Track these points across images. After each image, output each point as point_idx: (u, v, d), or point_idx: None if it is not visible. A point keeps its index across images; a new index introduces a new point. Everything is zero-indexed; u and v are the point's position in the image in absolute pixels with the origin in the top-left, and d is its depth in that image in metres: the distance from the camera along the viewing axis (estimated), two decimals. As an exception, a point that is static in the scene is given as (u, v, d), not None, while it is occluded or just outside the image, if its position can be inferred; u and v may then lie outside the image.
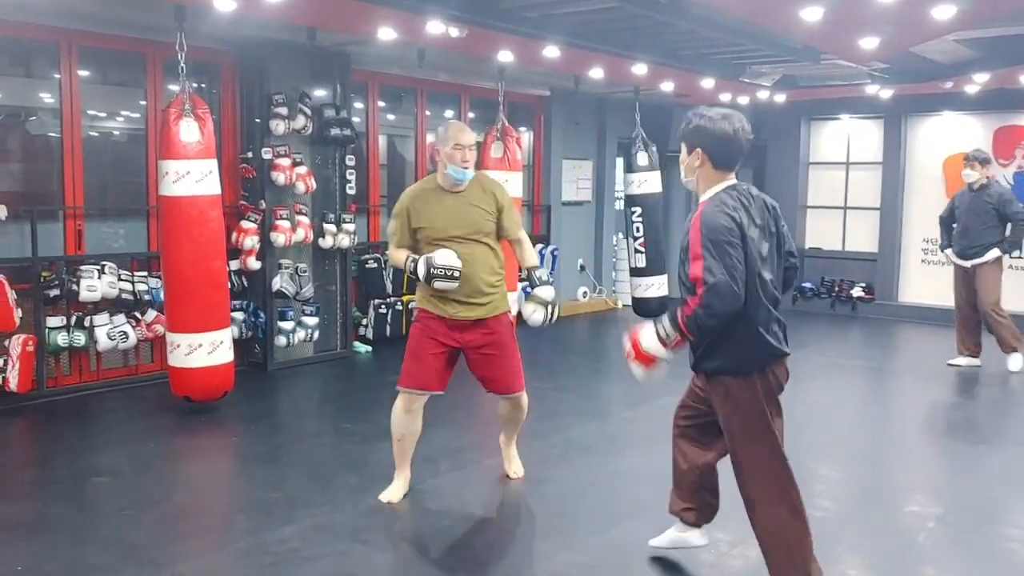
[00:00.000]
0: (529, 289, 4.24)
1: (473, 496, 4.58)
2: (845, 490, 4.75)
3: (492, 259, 4.20)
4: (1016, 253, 9.77)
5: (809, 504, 3.20)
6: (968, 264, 7.58)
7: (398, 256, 4.20)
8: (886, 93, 9.26)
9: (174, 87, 6.68)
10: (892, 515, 4.34)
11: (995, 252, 7.43)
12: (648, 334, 3.11)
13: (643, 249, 9.60)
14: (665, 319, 3.09)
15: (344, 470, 4.80)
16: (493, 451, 4.82)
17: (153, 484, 4.62)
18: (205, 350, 5.73)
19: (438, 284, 3.99)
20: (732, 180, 3.16)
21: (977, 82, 8.31)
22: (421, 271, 4.00)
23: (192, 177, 5.60)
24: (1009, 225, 7.41)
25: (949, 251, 7.80)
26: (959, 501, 4.60)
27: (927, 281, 10.42)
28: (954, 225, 7.72)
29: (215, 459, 5.32)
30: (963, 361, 7.76)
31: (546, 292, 4.19)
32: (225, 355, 5.86)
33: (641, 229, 9.60)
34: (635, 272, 9.75)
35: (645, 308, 9.73)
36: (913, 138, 10.51)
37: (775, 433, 3.10)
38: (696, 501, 3.51)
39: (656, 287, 9.67)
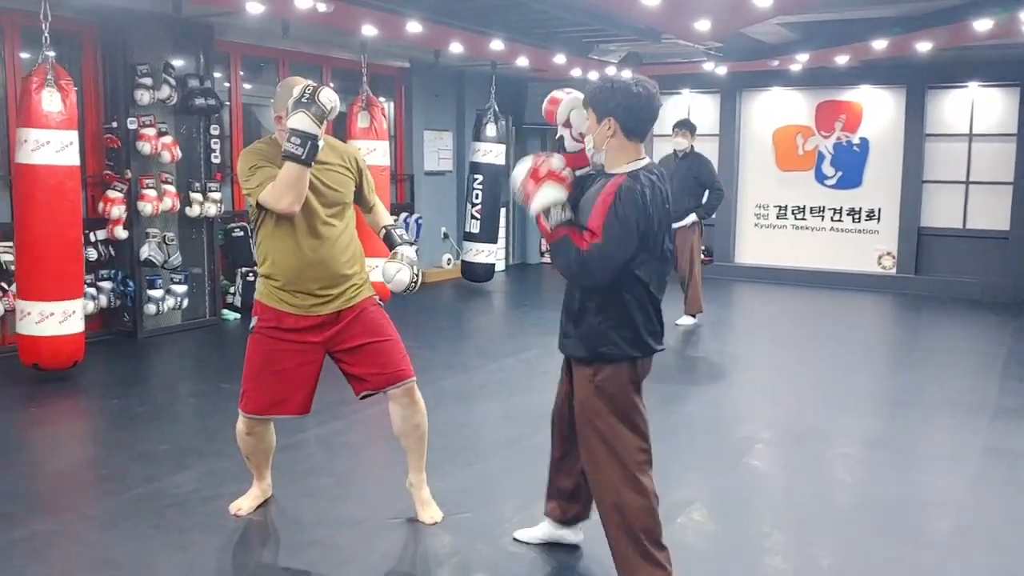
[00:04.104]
0: (390, 249, 3.64)
1: (355, 440, 4.98)
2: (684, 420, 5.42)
3: (351, 237, 3.56)
4: (801, 215, 10.97)
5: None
6: None
7: (275, 181, 3.28)
8: (721, 70, 10.06)
9: (26, 55, 6.69)
10: (724, 439, 5.02)
11: (693, 217, 7.93)
12: (542, 198, 2.92)
13: (479, 216, 10.17)
14: (561, 213, 2.91)
15: (227, 424, 4.98)
16: (371, 403, 5.17)
17: (39, 443, 4.81)
18: (57, 319, 5.78)
19: (325, 95, 3.19)
20: (645, 158, 2.99)
21: (799, 61, 9.19)
22: (302, 108, 3.16)
23: (52, 147, 5.66)
24: (707, 192, 7.95)
25: None
26: (785, 428, 5.35)
27: (760, 243, 11.41)
28: None
29: (99, 420, 5.49)
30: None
31: (410, 252, 3.62)
32: (77, 325, 5.91)
33: (480, 196, 10.18)
34: (468, 236, 10.30)
35: (472, 272, 10.30)
36: (747, 111, 11.42)
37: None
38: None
39: (485, 254, 10.25)
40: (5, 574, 3.28)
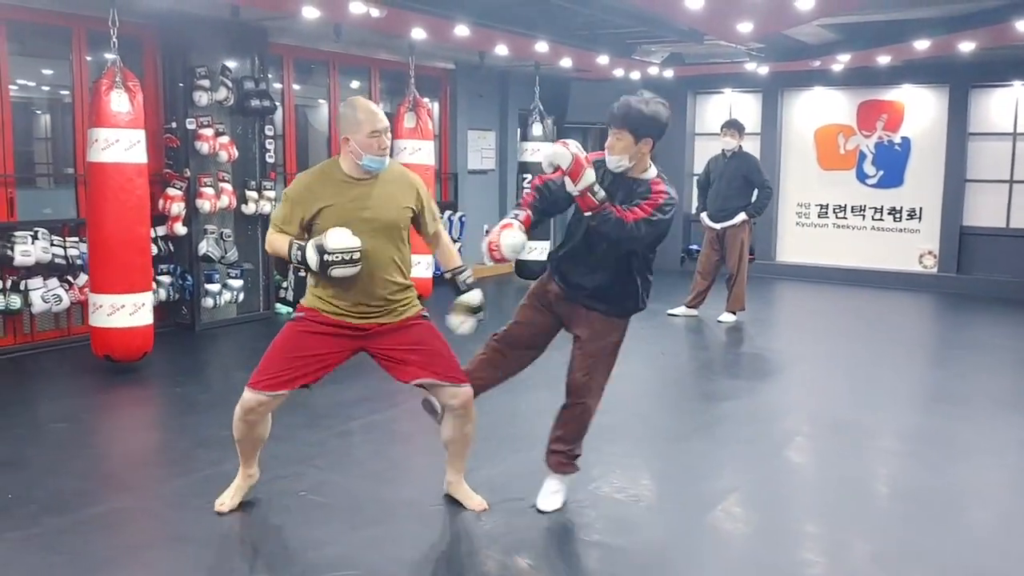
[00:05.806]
0: (454, 295, 3.79)
1: (407, 428, 5.20)
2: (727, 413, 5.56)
3: (398, 254, 3.63)
4: (843, 214, 11.02)
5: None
6: (718, 226, 8.18)
7: (279, 242, 3.52)
8: (763, 70, 10.14)
9: (90, 57, 6.99)
10: (765, 432, 5.16)
11: (742, 215, 8.06)
12: (589, 178, 3.42)
13: (530, 214, 10.35)
14: (601, 190, 3.44)
15: (288, 411, 5.21)
16: (420, 395, 5.39)
17: (111, 427, 5.09)
18: (127, 311, 6.04)
19: (337, 272, 3.38)
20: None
21: (840, 61, 9.25)
22: (312, 258, 3.37)
23: (121, 145, 5.94)
24: (756, 191, 8.08)
25: (703, 215, 8.35)
26: (824, 422, 5.47)
27: (802, 242, 11.47)
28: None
29: (164, 406, 5.78)
30: (681, 311, 8.28)
31: (474, 297, 3.76)
32: (146, 317, 6.15)
33: (530, 195, 10.36)
34: (523, 236, 10.47)
35: (527, 270, 10.48)
36: (788, 111, 11.49)
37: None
38: None
39: (539, 251, 10.39)
40: (84, 546, 3.54)
